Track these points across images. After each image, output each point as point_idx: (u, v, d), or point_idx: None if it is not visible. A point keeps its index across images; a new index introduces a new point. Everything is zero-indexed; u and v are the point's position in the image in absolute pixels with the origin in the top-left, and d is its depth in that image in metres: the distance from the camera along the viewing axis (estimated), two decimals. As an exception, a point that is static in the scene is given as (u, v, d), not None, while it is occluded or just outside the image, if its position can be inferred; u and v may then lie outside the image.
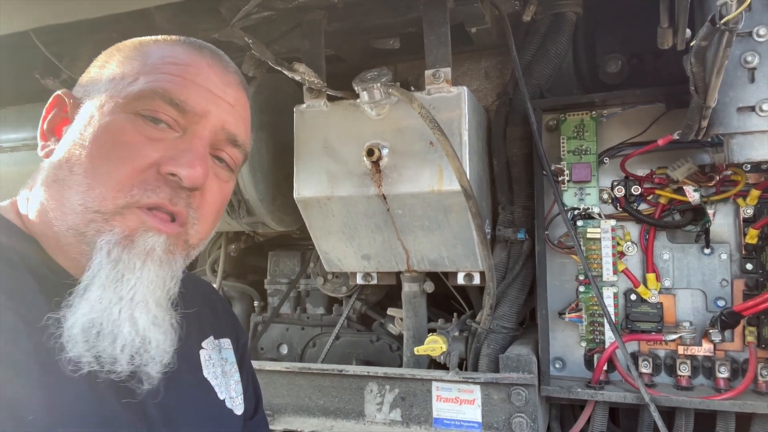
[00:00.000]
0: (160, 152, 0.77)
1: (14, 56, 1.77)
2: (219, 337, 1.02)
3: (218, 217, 0.88)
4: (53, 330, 0.69)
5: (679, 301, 1.48)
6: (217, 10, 1.47)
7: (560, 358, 1.57)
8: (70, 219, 0.75)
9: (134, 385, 0.74)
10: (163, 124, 0.78)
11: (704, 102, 1.07)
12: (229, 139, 0.84)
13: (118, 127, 0.77)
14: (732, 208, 1.45)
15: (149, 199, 0.75)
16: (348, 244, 1.61)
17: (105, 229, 0.74)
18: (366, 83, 1.37)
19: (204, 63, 0.84)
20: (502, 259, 1.63)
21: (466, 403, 1.48)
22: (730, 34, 0.91)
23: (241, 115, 0.87)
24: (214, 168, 0.84)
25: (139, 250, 0.74)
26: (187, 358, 0.89)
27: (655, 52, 1.60)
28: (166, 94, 0.78)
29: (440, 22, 1.42)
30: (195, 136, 0.80)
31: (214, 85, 0.83)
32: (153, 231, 0.75)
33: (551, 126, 1.60)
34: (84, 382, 0.70)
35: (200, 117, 0.80)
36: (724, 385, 1.40)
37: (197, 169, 0.77)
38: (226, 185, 0.87)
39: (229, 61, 0.90)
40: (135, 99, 0.77)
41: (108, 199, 0.74)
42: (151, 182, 0.76)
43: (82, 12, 1.38)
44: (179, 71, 0.80)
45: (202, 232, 0.83)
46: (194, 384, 0.91)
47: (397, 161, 1.43)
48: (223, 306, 1.12)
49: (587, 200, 1.55)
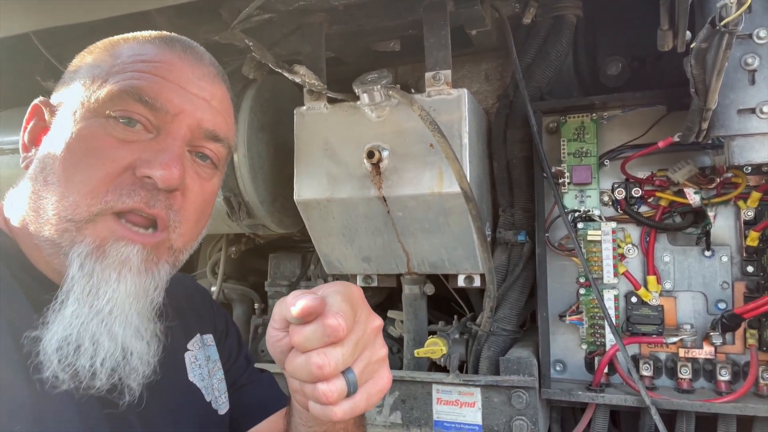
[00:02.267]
0: (134, 155, 0.74)
1: (15, 58, 1.77)
2: (204, 333, 1.01)
3: (203, 216, 0.85)
4: (32, 347, 0.67)
5: (679, 304, 1.47)
6: (218, 13, 1.48)
7: (561, 361, 1.57)
8: (47, 230, 0.73)
9: (115, 398, 0.73)
10: (137, 125, 0.76)
11: (704, 104, 1.07)
12: (208, 135, 0.82)
13: (89, 132, 0.75)
14: (733, 210, 1.44)
15: (124, 204, 0.73)
16: (348, 247, 1.61)
17: (77, 239, 0.72)
18: (366, 85, 1.37)
19: (175, 58, 0.81)
20: (503, 261, 1.63)
21: (466, 405, 1.48)
22: (730, 36, 0.91)
23: (219, 109, 0.84)
24: (195, 166, 0.81)
25: (112, 261, 0.72)
26: (172, 364, 0.88)
27: (655, 54, 1.60)
28: (135, 92, 0.75)
29: (440, 24, 1.42)
30: (169, 135, 0.77)
31: (188, 81, 0.80)
32: (124, 240, 0.73)
33: (551, 128, 1.60)
34: (69, 395, 0.69)
35: (173, 115, 0.77)
36: (725, 388, 1.39)
37: (172, 170, 0.74)
38: (208, 183, 0.84)
39: (204, 52, 0.87)
40: (105, 101, 0.75)
41: (81, 207, 0.72)
42: (126, 186, 0.73)
43: (83, 14, 1.38)
44: (150, 68, 0.78)
45: (187, 234, 0.81)
46: (179, 389, 0.90)
47: (397, 163, 1.43)
48: (202, 296, 1.10)
49: (588, 202, 1.55)
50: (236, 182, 1.67)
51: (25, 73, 1.83)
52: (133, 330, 0.74)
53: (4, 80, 1.86)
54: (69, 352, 0.69)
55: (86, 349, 0.69)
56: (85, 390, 0.69)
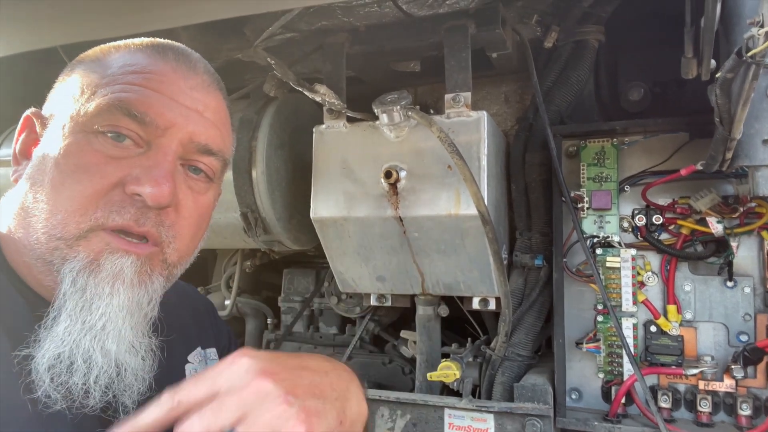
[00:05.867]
0: (123, 171, 0.72)
1: (42, 70, 1.81)
2: (206, 347, 0.99)
3: (199, 231, 0.83)
4: (24, 366, 0.66)
5: (700, 335, 1.44)
6: (242, 31, 1.50)
7: (577, 389, 1.54)
8: (37, 248, 0.71)
9: (110, 416, 0.71)
10: (126, 140, 0.73)
11: (729, 134, 1.06)
12: (201, 149, 0.79)
13: (77, 148, 0.72)
14: (756, 241, 1.41)
15: (114, 222, 0.71)
16: (363, 265, 1.60)
17: (69, 255, 0.70)
18: (386, 105, 1.38)
19: (168, 68, 0.78)
20: (519, 285, 1.61)
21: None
22: (756, 67, 0.89)
23: (213, 120, 0.80)
24: (188, 181, 0.79)
25: (106, 274, 0.70)
26: (171, 378, 0.87)
27: (677, 80, 1.59)
28: (124, 106, 0.72)
29: (461, 47, 1.43)
30: (160, 150, 0.74)
31: (180, 92, 0.77)
32: (120, 252, 0.71)
33: (571, 152, 1.58)
34: (62, 414, 0.67)
35: (164, 130, 0.74)
36: (746, 423, 1.35)
37: (162, 187, 0.71)
38: (202, 197, 0.81)
39: (198, 59, 0.84)
40: (94, 115, 0.72)
41: (70, 224, 0.70)
42: (116, 203, 0.71)
43: (109, 30, 1.40)
44: (140, 80, 0.75)
45: (182, 249, 0.78)
46: None
47: (414, 184, 1.43)
48: (206, 309, 1.08)
49: (607, 228, 1.53)
50: (254, 198, 1.67)
51: (49, 86, 1.86)
52: (127, 345, 0.72)
53: (31, 92, 1.90)
54: (62, 370, 0.67)
55: (79, 367, 0.68)
56: (79, 409, 0.68)
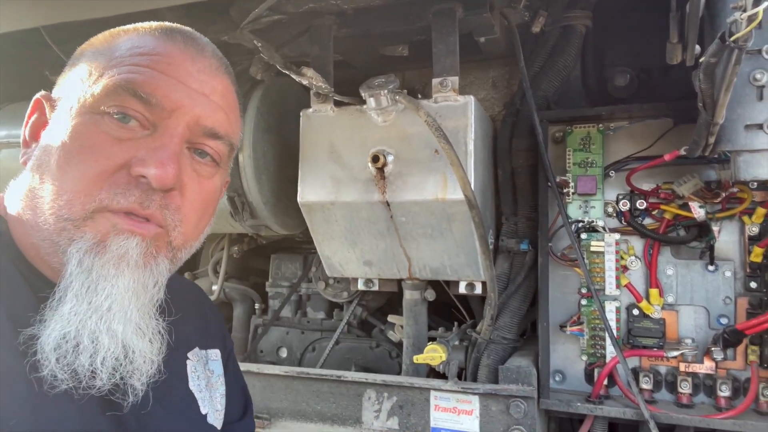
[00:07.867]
0: (129, 153, 0.72)
1: (23, 52, 1.78)
2: (207, 347, 0.98)
3: (205, 215, 0.82)
4: (29, 346, 0.66)
5: (681, 318, 1.47)
6: (228, 13, 1.48)
7: (560, 371, 1.56)
8: (45, 229, 0.71)
9: (119, 399, 0.71)
10: (133, 121, 0.73)
11: (712, 118, 1.07)
12: (207, 132, 0.78)
13: (84, 129, 0.72)
14: (737, 225, 1.44)
15: (118, 204, 0.70)
16: (350, 250, 1.60)
17: (76, 236, 0.70)
18: (373, 90, 1.37)
19: (176, 50, 0.77)
20: (505, 269, 1.62)
21: (464, 413, 1.47)
22: (739, 52, 0.91)
23: (220, 104, 0.80)
24: (193, 164, 0.78)
25: (111, 256, 0.70)
26: (176, 368, 0.86)
27: (663, 66, 1.60)
28: (130, 87, 0.72)
29: (449, 31, 1.43)
30: (166, 132, 0.74)
31: (187, 75, 0.76)
32: (125, 234, 0.71)
33: (557, 138, 1.59)
34: (68, 395, 0.67)
35: (170, 112, 0.74)
36: (725, 404, 1.39)
37: (167, 169, 0.71)
38: (208, 182, 0.80)
39: (207, 43, 0.83)
40: (101, 96, 0.72)
41: (76, 205, 0.70)
42: (121, 185, 0.71)
43: (93, 11, 1.39)
44: (147, 62, 0.74)
45: (187, 233, 0.78)
46: (181, 396, 0.88)
47: (401, 168, 1.43)
48: (211, 311, 1.08)
49: (592, 213, 1.54)
50: (240, 182, 1.67)
51: (33, 67, 1.84)
52: (134, 327, 0.71)
53: (12, 73, 1.87)
54: (68, 350, 0.67)
55: (85, 348, 0.67)
56: (86, 390, 0.68)
